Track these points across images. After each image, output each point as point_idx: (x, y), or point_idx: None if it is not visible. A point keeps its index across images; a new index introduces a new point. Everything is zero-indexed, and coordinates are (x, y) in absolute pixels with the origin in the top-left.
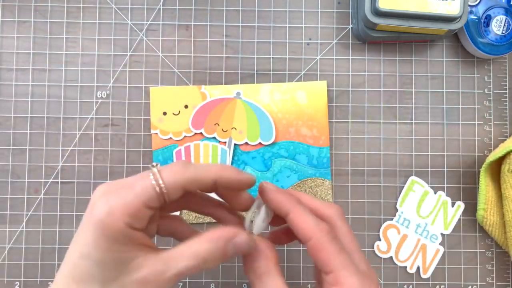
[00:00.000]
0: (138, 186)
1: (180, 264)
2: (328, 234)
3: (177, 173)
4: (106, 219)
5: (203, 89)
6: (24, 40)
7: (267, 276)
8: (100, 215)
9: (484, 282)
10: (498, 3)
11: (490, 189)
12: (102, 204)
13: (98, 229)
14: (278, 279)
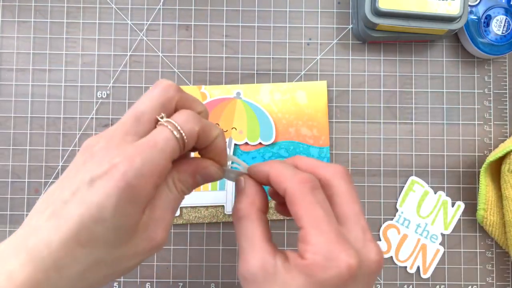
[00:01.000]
0: (160, 141)
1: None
2: (305, 184)
3: (193, 122)
4: (135, 182)
5: (203, 89)
6: (24, 40)
7: (245, 221)
8: (130, 179)
9: (484, 282)
10: (498, 3)
11: (490, 189)
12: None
13: (124, 193)
14: (257, 227)
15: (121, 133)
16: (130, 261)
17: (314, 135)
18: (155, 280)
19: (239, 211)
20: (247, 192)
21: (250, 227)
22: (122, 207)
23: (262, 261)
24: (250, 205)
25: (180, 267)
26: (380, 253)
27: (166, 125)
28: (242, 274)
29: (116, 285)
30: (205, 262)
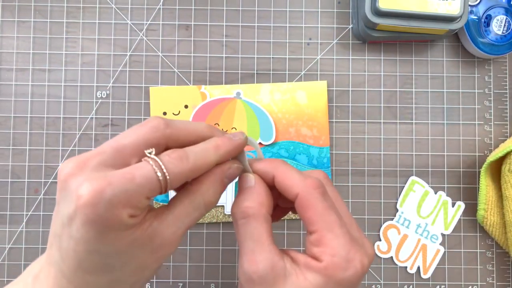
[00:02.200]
0: (139, 176)
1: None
2: (317, 190)
3: (180, 165)
4: (107, 215)
5: (203, 89)
6: (24, 40)
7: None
8: (100, 211)
9: (484, 282)
10: (498, 3)
11: (491, 189)
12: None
13: (100, 226)
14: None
15: (96, 161)
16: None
17: (314, 135)
18: (155, 280)
19: (248, 209)
20: (258, 191)
21: (259, 227)
22: (105, 236)
23: (272, 262)
24: (260, 205)
25: (180, 267)
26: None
27: (151, 163)
28: (249, 275)
29: None
30: (205, 262)
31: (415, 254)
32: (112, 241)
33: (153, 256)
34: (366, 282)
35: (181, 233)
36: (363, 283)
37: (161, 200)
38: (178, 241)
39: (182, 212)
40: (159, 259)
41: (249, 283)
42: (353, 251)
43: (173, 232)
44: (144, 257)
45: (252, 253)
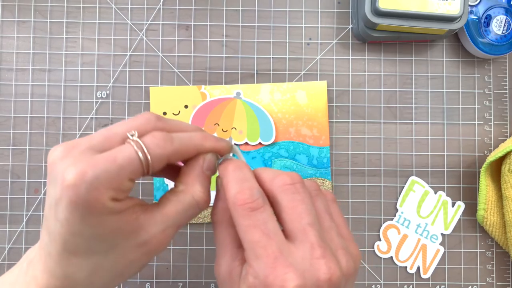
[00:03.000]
0: (120, 157)
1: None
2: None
3: (163, 145)
4: (90, 197)
5: (203, 89)
6: (24, 40)
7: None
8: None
9: (484, 282)
10: (498, 3)
11: (490, 189)
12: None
13: (82, 208)
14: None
15: (85, 146)
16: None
17: (314, 135)
18: (154, 280)
19: (214, 216)
20: (222, 197)
21: (223, 232)
22: (89, 219)
23: (230, 267)
24: (223, 210)
25: (180, 267)
26: (332, 269)
27: (133, 144)
28: (216, 275)
29: None
30: (205, 262)
31: (415, 254)
32: (95, 224)
33: (139, 251)
34: (366, 282)
35: (170, 232)
36: (363, 283)
37: None
38: (167, 240)
39: (172, 210)
40: (145, 255)
41: (218, 283)
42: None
43: (161, 230)
44: (128, 249)
45: (218, 256)
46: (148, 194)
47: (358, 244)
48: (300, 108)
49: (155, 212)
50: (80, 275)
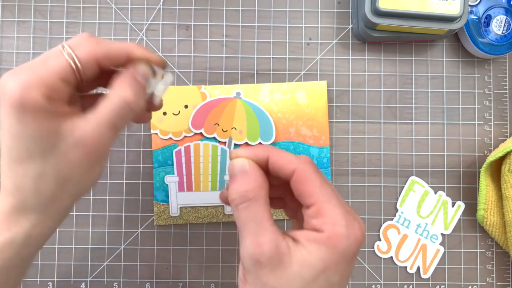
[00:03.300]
0: (50, 61)
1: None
2: (311, 165)
3: (91, 47)
4: (22, 95)
5: (203, 89)
6: (24, 40)
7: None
8: (15, 92)
9: (484, 282)
10: (498, 3)
11: (490, 189)
12: (14, 82)
13: (17, 107)
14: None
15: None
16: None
17: (314, 135)
18: (154, 280)
19: (248, 193)
20: (254, 175)
21: (260, 209)
22: (25, 118)
23: (276, 242)
24: (259, 188)
25: (180, 267)
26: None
27: (61, 48)
28: (256, 258)
29: (116, 285)
30: (205, 262)
31: (415, 254)
32: (30, 123)
33: (76, 150)
34: (366, 282)
35: (104, 130)
36: (363, 283)
37: (161, 200)
38: (102, 138)
39: (102, 110)
40: (85, 156)
41: (257, 266)
42: (351, 220)
43: (94, 127)
44: (66, 150)
45: (256, 236)
46: (148, 194)
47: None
48: (300, 108)
49: (87, 114)
50: (27, 183)
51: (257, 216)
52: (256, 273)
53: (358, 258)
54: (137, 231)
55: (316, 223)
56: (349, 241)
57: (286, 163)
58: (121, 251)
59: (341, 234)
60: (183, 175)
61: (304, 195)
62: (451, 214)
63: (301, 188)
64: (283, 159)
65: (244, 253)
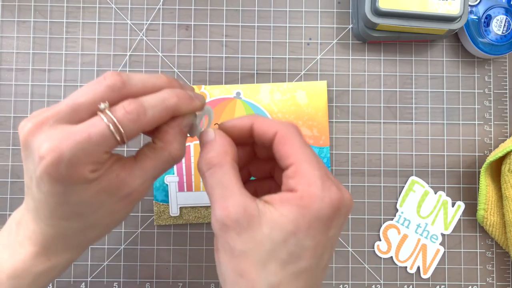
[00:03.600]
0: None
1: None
2: (294, 128)
3: (137, 119)
4: (69, 173)
5: (203, 89)
6: (24, 40)
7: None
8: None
9: (484, 282)
10: (498, 3)
11: (491, 189)
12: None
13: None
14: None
15: (53, 121)
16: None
17: (314, 135)
18: (154, 280)
19: (212, 159)
20: (219, 142)
21: (226, 174)
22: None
23: (244, 204)
24: (224, 153)
25: (180, 267)
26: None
27: (105, 119)
28: (222, 221)
29: (116, 285)
30: (205, 262)
31: (415, 254)
32: (79, 193)
33: (122, 203)
34: (366, 282)
35: (148, 184)
36: (363, 283)
37: (161, 200)
38: (146, 190)
39: (149, 166)
40: (128, 205)
41: (223, 229)
42: (329, 183)
43: (140, 183)
44: (112, 204)
45: (223, 199)
46: (148, 194)
47: (358, 244)
48: (300, 108)
49: (134, 167)
50: (71, 232)
51: (223, 180)
52: (224, 237)
53: (358, 258)
54: (137, 231)
55: (292, 183)
56: (323, 204)
57: (268, 127)
58: (121, 251)
59: (315, 195)
60: (183, 175)
61: (284, 156)
62: (451, 214)
63: (282, 149)
64: (267, 123)
65: (212, 219)
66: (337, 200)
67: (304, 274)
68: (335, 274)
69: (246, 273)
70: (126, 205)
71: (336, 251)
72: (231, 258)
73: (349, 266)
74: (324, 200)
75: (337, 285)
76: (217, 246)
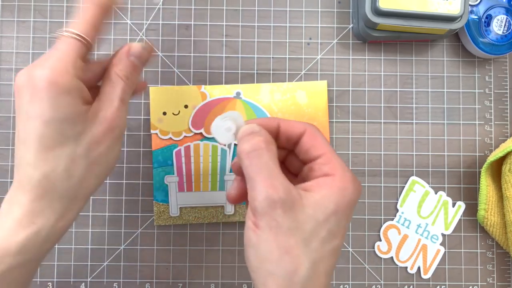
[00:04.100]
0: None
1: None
2: (317, 127)
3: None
4: (55, 77)
5: (203, 89)
6: (24, 40)
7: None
8: (47, 76)
9: (484, 283)
10: (498, 3)
11: (491, 189)
12: (42, 68)
13: (52, 89)
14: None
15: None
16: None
17: None
18: (154, 281)
19: (260, 142)
20: (266, 133)
21: (271, 159)
22: (59, 100)
23: (288, 188)
24: (270, 141)
25: (180, 268)
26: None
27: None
28: (271, 199)
29: (116, 285)
30: (205, 262)
31: (415, 254)
32: (65, 105)
33: (101, 128)
34: (367, 282)
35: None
36: (363, 283)
37: (161, 200)
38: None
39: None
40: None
41: (272, 206)
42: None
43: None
44: (94, 130)
45: (271, 179)
46: (148, 194)
47: (359, 244)
48: (300, 108)
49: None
50: (58, 168)
51: (270, 163)
52: (271, 214)
53: (358, 258)
54: (137, 231)
55: (326, 168)
56: (355, 187)
57: (297, 125)
58: (121, 251)
59: (351, 178)
60: (183, 175)
61: (315, 146)
62: (452, 214)
63: (312, 141)
64: (294, 122)
65: (258, 197)
66: (360, 187)
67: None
68: (336, 274)
69: (292, 250)
70: (105, 133)
71: None
72: (277, 235)
73: (350, 267)
74: (355, 185)
75: (338, 285)
76: (258, 224)
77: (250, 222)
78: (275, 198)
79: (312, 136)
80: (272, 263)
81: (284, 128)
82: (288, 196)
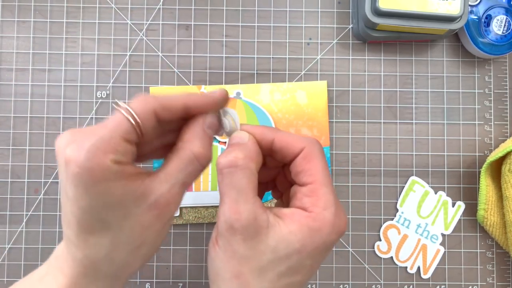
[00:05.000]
0: (110, 122)
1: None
2: (319, 145)
3: (145, 100)
4: (90, 163)
5: (203, 89)
6: (24, 40)
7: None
8: (80, 160)
9: (484, 283)
10: (498, 3)
11: (491, 189)
12: (76, 148)
13: (85, 177)
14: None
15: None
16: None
17: (314, 135)
18: (154, 281)
19: (237, 160)
20: (250, 147)
21: (245, 179)
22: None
23: (255, 214)
24: (249, 159)
25: (180, 268)
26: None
27: (119, 109)
28: (230, 224)
29: None
30: (205, 262)
31: (415, 254)
32: (102, 192)
33: (150, 214)
34: (366, 282)
35: (177, 190)
36: (363, 283)
37: None
38: (174, 198)
39: (173, 168)
40: (157, 219)
41: (230, 231)
42: (339, 210)
43: (167, 189)
44: (140, 215)
45: (236, 203)
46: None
47: (359, 244)
48: (300, 108)
49: (157, 173)
50: (100, 253)
51: (241, 184)
52: (228, 239)
53: (358, 258)
54: None
55: (307, 202)
56: (333, 230)
57: (295, 141)
58: None
59: (328, 220)
60: None
61: (306, 172)
62: (451, 214)
63: (306, 164)
64: (292, 137)
65: (221, 217)
66: (343, 228)
67: (296, 286)
68: (335, 274)
69: (243, 276)
70: (154, 219)
71: (336, 251)
72: (230, 259)
73: (349, 266)
74: (334, 228)
75: (337, 285)
76: (218, 241)
77: (214, 235)
78: (235, 226)
79: (307, 158)
80: (224, 281)
81: (279, 144)
82: (252, 224)
